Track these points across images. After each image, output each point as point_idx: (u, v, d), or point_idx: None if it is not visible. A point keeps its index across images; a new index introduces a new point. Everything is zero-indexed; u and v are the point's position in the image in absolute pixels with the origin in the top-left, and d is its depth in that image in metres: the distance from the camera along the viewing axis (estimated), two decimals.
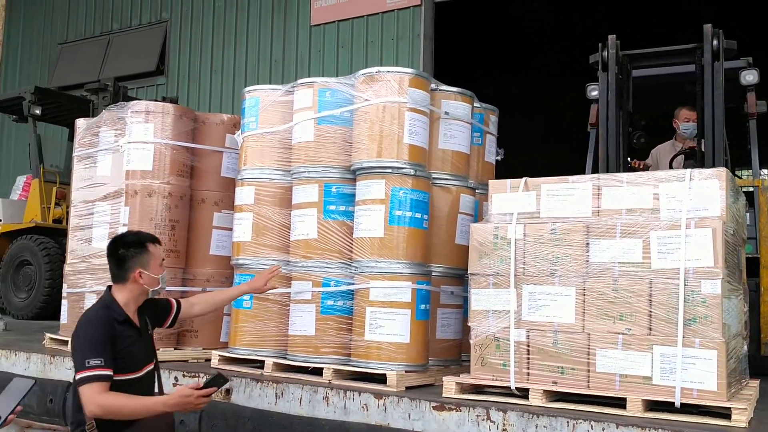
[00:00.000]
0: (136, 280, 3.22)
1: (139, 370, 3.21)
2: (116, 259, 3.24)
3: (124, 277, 3.22)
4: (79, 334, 3.05)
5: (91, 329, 3.04)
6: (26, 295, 8.19)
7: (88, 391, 2.92)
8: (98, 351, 2.97)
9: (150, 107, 5.13)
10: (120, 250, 3.23)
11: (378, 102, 4.16)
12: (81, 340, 3.02)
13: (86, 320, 3.10)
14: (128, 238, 3.33)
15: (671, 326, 3.36)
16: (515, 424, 3.37)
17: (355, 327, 4.13)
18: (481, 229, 3.92)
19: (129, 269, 3.22)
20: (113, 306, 3.18)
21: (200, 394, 3.01)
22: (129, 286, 3.23)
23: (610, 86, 5.24)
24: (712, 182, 3.47)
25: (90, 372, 2.93)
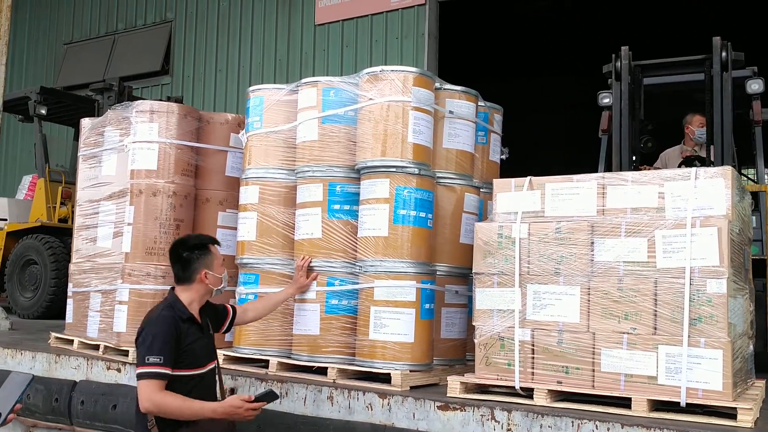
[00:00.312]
0: (202, 281, 3.32)
1: (203, 366, 3.29)
2: (181, 262, 3.33)
3: (190, 278, 3.32)
4: (142, 331, 3.13)
5: (155, 327, 3.11)
6: (32, 295, 8.20)
7: (144, 387, 3.02)
8: (159, 349, 3.05)
9: (155, 107, 5.14)
10: (185, 254, 3.32)
11: (382, 101, 4.16)
12: (143, 337, 3.10)
13: (151, 319, 3.18)
14: (191, 241, 3.42)
15: (676, 326, 3.34)
16: (520, 423, 3.37)
17: (359, 326, 4.12)
18: (485, 228, 3.91)
19: (195, 271, 3.32)
20: (177, 305, 3.27)
21: (250, 407, 3.10)
22: (194, 287, 3.32)
23: (623, 95, 5.57)
24: (718, 181, 3.46)
25: (148, 369, 3.03)
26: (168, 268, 4.85)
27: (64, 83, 12.44)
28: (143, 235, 4.91)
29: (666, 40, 17.45)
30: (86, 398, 4.70)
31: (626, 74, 5.62)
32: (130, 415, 4.45)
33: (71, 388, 4.81)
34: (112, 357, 4.86)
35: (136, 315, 4.80)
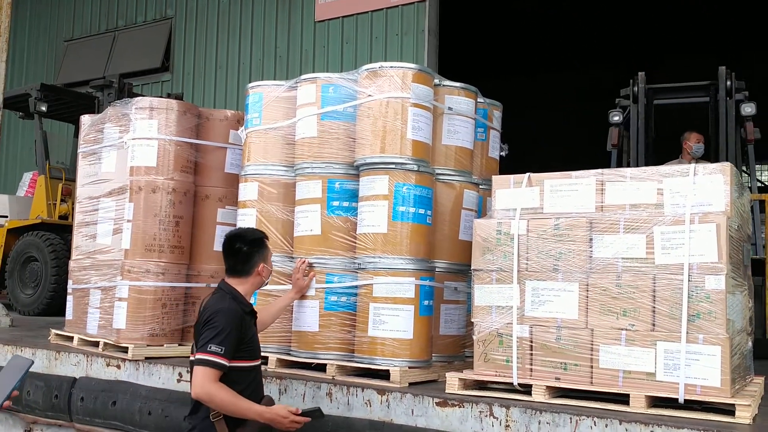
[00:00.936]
0: (259, 274, 3.41)
1: (259, 357, 3.37)
2: (241, 255, 3.37)
3: (249, 271, 3.38)
4: (212, 318, 3.12)
5: (224, 318, 3.12)
6: (32, 291, 8.22)
7: (201, 374, 3.04)
8: (223, 340, 3.07)
9: (154, 103, 5.14)
10: (245, 248, 3.37)
11: (381, 97, 4.15)
12: (212, 325, 3.10)
13: (222, 309, 3.16)
14: (250, 235, 3.47)
15: (675, 322, 3.35)
16: (518, 420, 3.37)
17: (358, 323, 4.13)
18: (484, 224, 3.91)
19: (255, 264, 3.38)
20: (240, 298, 3.32)
21: (294, 419, 3.16)
22: (251, 280, 3.39)
23: (640, 116, 6.54)
24: (717, 177, 3.45)
25: (209, 356, 3.05)
26: (168, 265, 4.91)
27: (65, 80, 12.44)
28: (143, 232, 4.91)
29: (663, 36, 17.44)
30: (86, 395, 4.70)
31: (642, 97, 6.55)
32: (130, 411, 4.48)
33: (71, 385, 4.82)
34: (111, 354, 4.86)
35: (136, 312, 4.81)
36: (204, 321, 3.16)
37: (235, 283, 3.37)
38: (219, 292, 3.33)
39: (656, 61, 18.72)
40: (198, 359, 3.07)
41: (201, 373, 3.05)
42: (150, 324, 4.80)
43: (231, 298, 3.29)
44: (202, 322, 3.17)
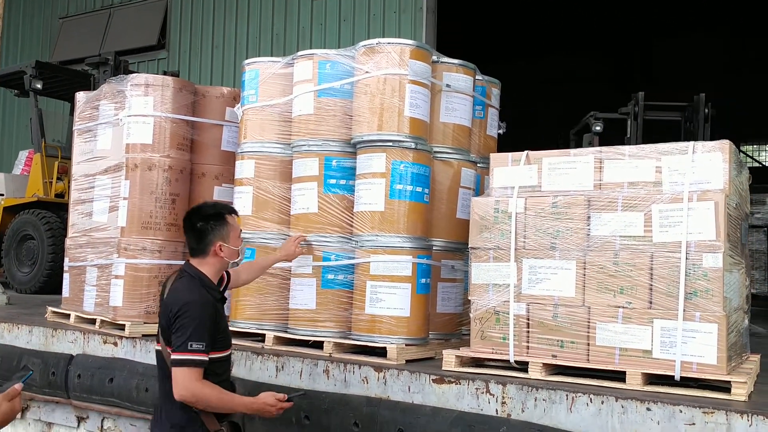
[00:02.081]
0: (217, 254, 3.06)
1: (231, 346, 3.17)
2: (195, 232, 3.06)
3: (204, 251, 3.06)
4: (185, 312, 2.86)
5: (198, 310, 2.88)
6: (29, 270, 8.20)
7: (182, 375, 2.83)
8: (202, 335, 2.85)
9: (149, 80, 5.09)
10: (199, 224, 3.06)
11: (379, 74, 4.12)
12: (186, 321, 2.85)
13: (195, 302, 2.90)
14: (206, 210, 3.13)
15: (672, 300, 3.34)
16: (514, 396, 3.38)
17: (355, 301, 4.12)
18: (481, 202, 3.90)
19: (209, 243, 3.05)
20: (208, 283, 3.05)
21: (282, 407, 3.07)
22: (210, 260, 3.07)
23: (639, 132, 7.46)
24: (716, 155, 3.43)
25: (190, 356, 2.83)
26: (164, 243, 4.90)
27: (60, 58, 12.33)
28: (139, 210, 4.89)
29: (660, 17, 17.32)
30: (83, 372, 4.71)
31: (641, 114, 7.51)
32: (127, 388, 4.48)
33: (68, 362, 4.82)
34: (108, 331, 4.86)
35: (132, 289, 4.81)
36: (176, 313, 2.87)
37: (198, 263, 3.07)
38: (185, 276, 3.04)
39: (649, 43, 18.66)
40: (179, 360, 2.83)
41: (183, 374, 2.83)
42: (146, 301, 4.79)
43: (200, 284, 3.01)
44: (173, 314, 2.88)
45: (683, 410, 3.01)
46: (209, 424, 2.93)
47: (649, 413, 3.07)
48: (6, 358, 5.09)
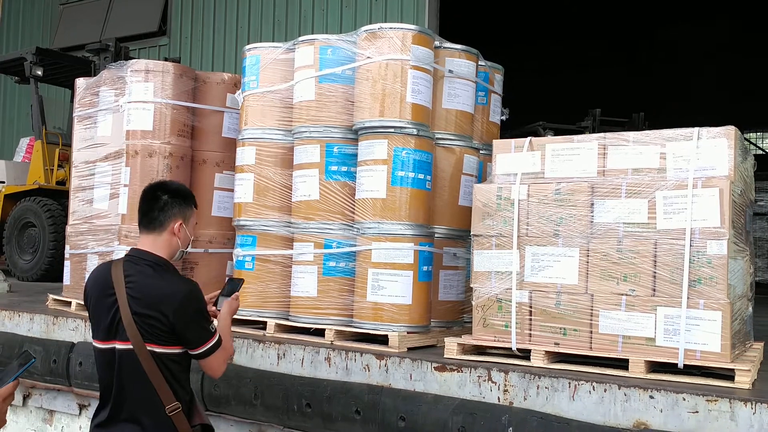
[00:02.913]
0: (173, 233, 2.84)
1: None
2: (159, 203, 2.84)
3: (163, 224, 2.82)
4: (191, 303, 2.72)
5: (200, 295, 2.80)
6: (30, 257, 8.20)
7: (218, 359, 2.79)
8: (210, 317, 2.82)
9: (150, 66, 5.05)
10: (165, 196, 2.85)
11: (380, 59, 4.08)
12: (197, 309, 2.75)
13: (191, 288, 2.77)
14: (174, 185, 2.97)
15: (676, 287, 3.32)
16: (516, 384, 3.36)
17: (357, 288, 4.10)
18: (484, 189, 3.87)
19: (171, 216, 2.83)
20: (173, 267, 2.88)
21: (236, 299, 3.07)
22: (165, 238, 2.83)
23: None
24: (721, 141, 3.40)
25: (215, 338, 2.77)
26: None
27: (61, 44, 12.28)
28: (139, 197, 4.85)
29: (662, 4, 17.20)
30: (84, 359, 4.70)
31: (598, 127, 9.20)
32: None
33: (69, 350, 4.81)
34: None
35: None
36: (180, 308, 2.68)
37: (151, 243, 2.82)
38: (149, 265, 2.78)
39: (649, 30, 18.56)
40: (211, 347, 2.75)
41: (218, 358, 2.78)
42: None
43: (173, 271, 2.84)
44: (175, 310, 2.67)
45: (686, 398, 3.00)
46: (181, 428, 2.74)
47: (652, 401, 3.06)
48: (7, 345, 5.09)
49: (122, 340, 2.69)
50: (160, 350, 2.69)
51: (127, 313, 2.67)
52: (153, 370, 2.67)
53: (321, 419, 3.75)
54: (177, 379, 2.76)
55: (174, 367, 2.75)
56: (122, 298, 2.69)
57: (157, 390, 2.68)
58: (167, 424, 2.71)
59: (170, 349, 2.72)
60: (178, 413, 2.72)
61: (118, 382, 2.71)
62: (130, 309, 2.67)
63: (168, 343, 2.71)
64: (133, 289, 2.71)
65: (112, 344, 2.71)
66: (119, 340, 2.69)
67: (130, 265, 2.78)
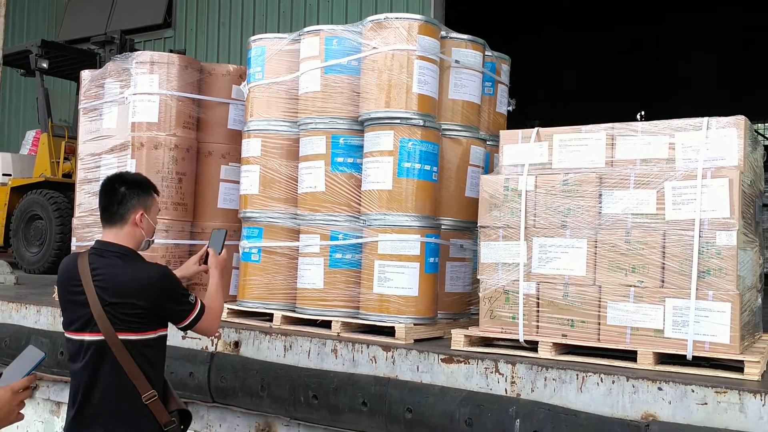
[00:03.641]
0: (136, 224, 2.82)
1: None
2: (118, 195, 2.82)
3: (124, 217, 2.80)
4: (169, 282, 2.78)
5: (172, 274, 2.86)
6: (37, 250, 8.22)
7: (207, 321, 2.88)
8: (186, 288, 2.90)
9: (155, 58, 5.03)
10: (122, 188, 2.83)
11: (386, 50, 4.05)
12: (175, 285, 2.81)
13: (164, 270, 2.83)
14: (131, 177, 2.94)
15: (684, 278, 3.29)
16: (524, 376, 3.35)
17: (363, 280, 4.09)
18: (491, 180, 3.84)
19: (131, 208, 2.81)
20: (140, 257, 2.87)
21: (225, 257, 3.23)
22: (127, 230, 2.81)
23: None
24: (730, 131, 3.37)
25: (198, 306, 2.85)
26: (171, 222, 4.87)
27: (66, 37, 12.28)
28: None
29: None
30: None
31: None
32: None
33: None
34: None
35: None
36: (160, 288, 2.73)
37: (114, 235, 2.81)
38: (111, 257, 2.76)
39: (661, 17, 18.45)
40: (198, 314, 2.82)
41: (206, 320, 2.86)
42: None
43: (141, 258, 2.84)
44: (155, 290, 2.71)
45: (695, 390, 2.98)
46: (159, 416, 2.75)
47: (661, 393, 3.04)
48: (14, 338, 5.10)
49: (93, 332, 2.68)
50: (135, 338, 2.70)
51: (96, 305, 2.67)
52: (127, 360, 2.67)
53: (328, 411, 3.75)
54: (152, 366, 2.78)
55: (149, 353, 2.76)
56: (90, 291, 2.69)
57: (132, 379, 2.68)
58: (145, 412, 2.72)
59: (145, 335, 2.74)
60: (155, 401, 2.73)
61: (91, 375, 2.70)
62: (100, 301, 2.67)
63: (143, 329, 2.73)
64: (103, 281, 2.70)
65: (82, 336, 2.71)
66: (89, 332, 2.69)
67: (96, 257, 2.77)
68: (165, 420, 2.76)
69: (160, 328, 2.82)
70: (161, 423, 2.75)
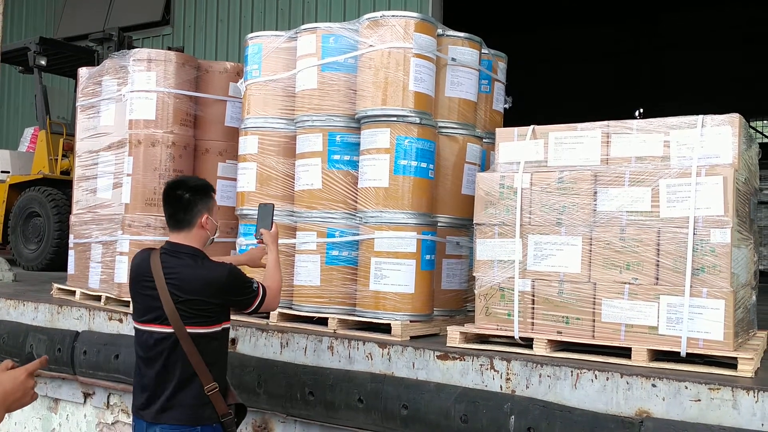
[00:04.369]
0: (202, 227, 3.05)
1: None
2: (183, 203, 3.03)
3: (191, 222, 3.03)
4: (235, 277, 3.02)
5: (237, 270, 3.07)
6: (36, 247, 8.23)
7: (270, 300, 3.16)
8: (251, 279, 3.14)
9: (152, 55, 5.05)
10: (187, 195, 3.04)
11: (383, 48, 4.06)
12: (240, 278, 3.05)
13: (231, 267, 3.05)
14: (191, 182, 3.15)
15: (679, 276, 3.31)
16: (519, 373, 3.36)
17: (360, 277, 4.10)
18: (487, 178, 3.85)
19: (198, 213, 3.03)
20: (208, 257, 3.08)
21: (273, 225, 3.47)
22: (195, 233, 3.04)
23: None
24: (725, 129, 3.38)
25: (261, 291, 3.11)
26: None
27: (64, 34, 12.27)
28: (142, 186, 4.88)
29: None
30: (88, 348, 4.72)
31: None
32: (133, 364, 4.48)
33: (74, 339, 4.83)
34: (113, 308, 4.87)
35: None
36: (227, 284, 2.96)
37: (183, 238, 3.04)
38: (186, 256, 2.99)
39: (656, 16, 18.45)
40: (258, 304, 3.10)
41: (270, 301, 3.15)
42: None
43: (208, 259, 3.04)
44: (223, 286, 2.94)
45: (689, 386, 2.99)
46: (219, 407, 2.96)
47: (655, 389, 3.05)
48: (12, 334, 5.11)
49: (163, 325, 2.92)
50: (203, 331, 2.94)
51: (168, 301, 2.90)
52: (193, 352, 2.90)
53: (324, 407, 3.76)
54: (216, 359, 3.00)
55: (214, 346, 3.00)
56: (162, 288, 2.92)
57: (197, 371, 2.91)
58: (206, 402, 2.93)
59: (212, 329, 2.98)
60: (215, 393, 2.94)
61: (160, 365, 2.93)
62: (172, 298, 2.90)
63: (210, 323, 2.97)
64: (176, 279, 2.93)
65: (152, 327, 2.96)
66: (159, 324, 2.93)
67: (168, 257, 3.01)
68: (223, 411, 2.97)
69: (224, 322, 3.06)
70: (219, 414, 2.96)
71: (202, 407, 2.93)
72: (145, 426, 2.94)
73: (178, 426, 2.90)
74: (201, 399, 2.93)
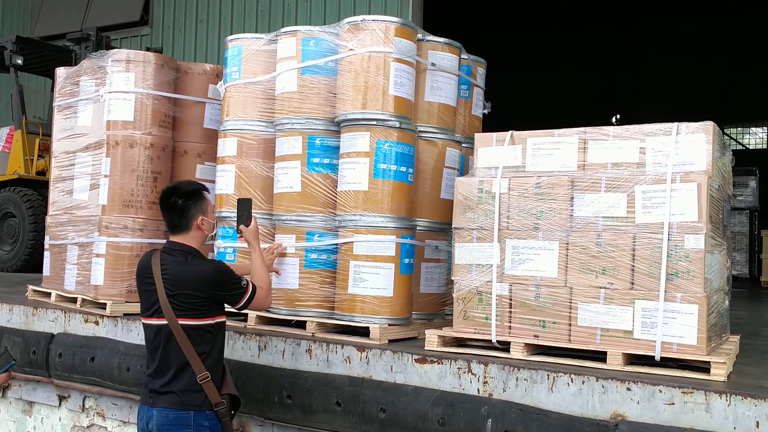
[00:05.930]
0: (199, 228, 3.32)
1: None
2: (177, 209, 3.30)
3: (188, 225, 3.31)
4: (224, 272, 3.28)
5: (226, 267, 3.33)
6: (11, 248, 8.13)
7: (258, 299, 3.38)
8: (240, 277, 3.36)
9: (131, 56, 5.01)
10: (180, 201, 3.29)
11: (363, 52, 4.07)
12: (229, 274, 3.29)
13: (220, 264, 3.35)
14: (185, 187, 3.37)
15: (653, 281, 3.35)
16: (496, 376, 3.39)
17: (338, 280, 4.11)
18: (465, 182, 3.88)
19: (192, 217, 3.30)
20: (199, 254, 3.33)
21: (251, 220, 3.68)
22: (192, 234, 3.32)
23: None
24: (699, 136, 3.43)
25: (250, 288, 3.34)
26: (145, 221, 4.85)
27: (41, 33, 12.14)
28: (120, 188, 4.84)
29: None
30: (64, 351, 4.68)
31: None
32: (109, 367, 4.46)
33: (49, 341, 4.79)
34: (89, 310, 4.83)
35: (114, 268, 4.76)
36: (216, 279, 3.22)
37: (182, 239, 3.33)
38: (178, 255, 3.27)
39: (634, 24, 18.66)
40: (251, 295, 3.33)
41: (259, 300, 3.37)
42: (128, 280, 4.75)
43: (201, 256, 3.33)
44: (211, 282, 3.21)
45: (663, 390, 3.03)
46: (211, 396, 3.18)
47: (629, 393, 3.09)
48: None
49: (159, 317, 3.19)
50: (194, 323, 3.18)
51: (163, 295, 3.16)
52: (185, 342, 3.14)
53: (302, 411, 3.76)
54: (209, 350, 3.23)
55: (207, 338, 3.23)
56: (159, 283, 3.19)
57: (189, 360, 3.14)
58: (199, 391, 3.16)
59: (204, 321, 3.21)
60: (207, 382, 3.16)
61: (160, 353, 3.20)
62: (165, 292, 3.16)
63: (202, 316, 3.20)
64: (169, 275, 3.20)
65: (152, 321, 3.23)
66: (157, 317, 3.20)
67: (166, 255, 3.28)
68: (216, 401, 3.19)
69: (218, 316, 3.30)
70: (213, 403, 3.18)
71: (195, 394, 3.16)
72: (146, 410, 3.22)
73: (172, 409, 3.14)
74: (193, 386, 3.16)
